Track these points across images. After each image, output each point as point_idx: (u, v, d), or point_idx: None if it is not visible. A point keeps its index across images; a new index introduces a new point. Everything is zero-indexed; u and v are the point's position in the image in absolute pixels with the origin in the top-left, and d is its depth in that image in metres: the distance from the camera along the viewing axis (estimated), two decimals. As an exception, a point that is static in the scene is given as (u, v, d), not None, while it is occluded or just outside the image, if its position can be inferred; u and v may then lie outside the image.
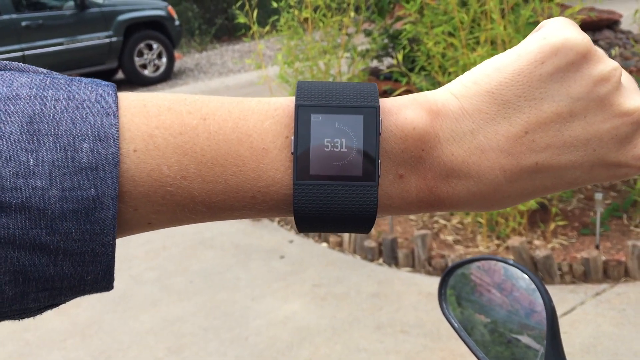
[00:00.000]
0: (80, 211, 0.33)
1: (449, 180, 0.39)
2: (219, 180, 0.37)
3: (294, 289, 3.07)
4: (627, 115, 0.39)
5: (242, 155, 0.37)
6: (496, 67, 0.39)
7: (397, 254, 3.22)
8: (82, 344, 2.75)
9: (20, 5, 7.78)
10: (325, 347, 2.59)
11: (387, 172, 0.39)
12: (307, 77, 4.11)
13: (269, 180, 0.37)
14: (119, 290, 3.19)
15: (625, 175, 0.41)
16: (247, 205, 0.38)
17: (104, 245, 0.34)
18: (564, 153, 0.38)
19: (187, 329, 2.80)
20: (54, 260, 0.33)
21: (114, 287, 0.37)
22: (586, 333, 2.55)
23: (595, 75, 0.38)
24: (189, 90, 8.32)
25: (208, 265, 3.40)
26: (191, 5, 12.69)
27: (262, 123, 0.38)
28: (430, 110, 0.39)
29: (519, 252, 2.93)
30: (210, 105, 0.38)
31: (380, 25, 4.61)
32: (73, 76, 0.37)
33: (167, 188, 0.36)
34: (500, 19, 2.96)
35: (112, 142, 0.34)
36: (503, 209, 0.41)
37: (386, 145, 0.38)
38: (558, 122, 0.38)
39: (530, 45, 0.39)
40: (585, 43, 0.38)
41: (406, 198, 0.39)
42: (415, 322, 2.70)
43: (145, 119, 0.36)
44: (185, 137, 0.36)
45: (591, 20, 4.24)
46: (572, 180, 0.40)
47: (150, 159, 0.35)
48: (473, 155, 0.38)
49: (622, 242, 3.12)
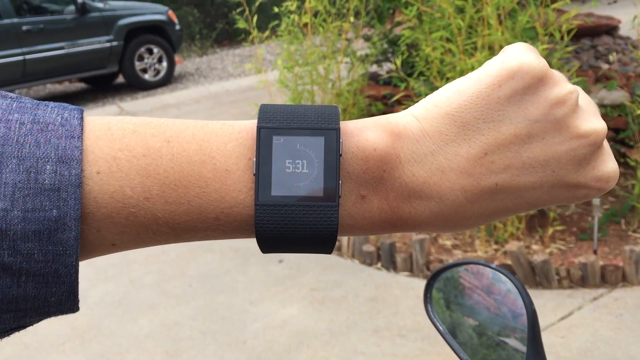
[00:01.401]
0: (42, 232, 0.33)
1: (411, 200, 0.39)
2: (182, 201, 0.37)
3: (292, 292, 3.08)
4: (583, 137, 0.39)
5: (205, 176, 0.37)
6: (456, 90, 0.40)
7: (396, 258, 3.23)
8: (80, 347, 2.76)
9: (21, 10, 7.80)
10: (323, 350, 2.60)
11: (349, 193, 0.39)
12: (307, 81, 4.13)
13: (232, 201, 0.38)
14: (117, 294, 3.20)
15: (586, 197, 0.41)
16: (211, 227, 0.38)
17: (67, 266, 0.34)
18: (523, 174, 0.39)
19: (186, 333, 2.80)
20: (17, 282, 0.34)
21: (79, 309, 0.37)
22: (583, 338, 2.56)
23: (552, 98, 0.39)
24: (189, 94, 8.34)
25: (206, 269, 3.40)
26: (192, 10, 12.72)
27: (225, 145, 0.38)
28: (392, 132, 0.40)
29: (517, 256, 2.94)
30: (174, 128, 0.38)
31: (379, 31, 4.62)
32: (40, 101, 0.37)
33: (130, 209, 0.36)
34: (497, 25, 2.97)
35: (75, 164, 0.34)
36: (466, 229, 0.42)
37: (347, 166, 0.39)
38: (516, 143, 0.39)
39: (489, 69, 0.39)
40: (541, 67, 0.39)
41: (369, 218, 0.40)
42: (412, 326, 2.71)
43: (109, 141, 0.36)
44: (148, 159, 0.36)
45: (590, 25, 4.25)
46: (532, 201, 0.40)
47: (113, 181, 0.36)
48: (434, 176, 0.39)
49: (620, 247, 3.13)
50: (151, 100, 8.17)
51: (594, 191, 0.41)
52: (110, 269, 3.45)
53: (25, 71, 7.66)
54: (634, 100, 3.70)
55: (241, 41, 11.42)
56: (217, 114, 7.17)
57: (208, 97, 8.21)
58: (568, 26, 3.00)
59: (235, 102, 7.63)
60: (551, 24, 2.97)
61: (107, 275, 3.40)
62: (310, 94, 4.10)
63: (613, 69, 4.11)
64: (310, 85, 4.11)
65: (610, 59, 3.89)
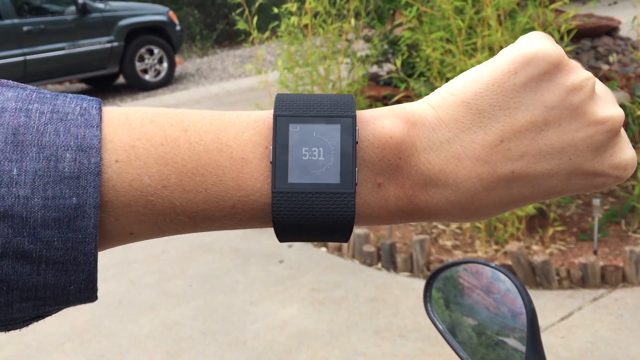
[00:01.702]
0: (62, 219, 0.34)
1: (427, 188, 0.39)
2: (200, 189, 0.37)
3: (293, 293, 3.08)
4: (600, 124, 0.39)
5: (222, 165, 0.37)
6: (472, 78, 0.40)
7: (396, 258, 3.23)
8: (80, 347, 2.76)
9: (22, 10, 7.81)
10: (323, 351, 2.60)
11: (365, 181, 0.39)
12: (307, 82, 4.13)
13: (249, 189, 0.38)
14: (118, 294, 3.20)
15: (603, 185, 0.41)
16: (228, 215, 0.38)
17: (86, 254, 0.35)
18: (540, 161, 0.39)
19: (186, 333, 2.81)
20: (37, 269, 0.34)
21: (97, 298, 0.37)
22: (584, 338, 2.56)
23: (568, 84, 0.39)
24: (190, 94, 8.35)
25: (207, 269, 3.41)
26: (192, 11, 12.73)
27: (242, 134, 0.38)
28: (408, 120, 0.40)
29: (517, 257, 2.94)
30: (191, 117, 0.39)
31: (379, 31, 4.63)
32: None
33: (148, 197, 0.36)
34: (497, 26, 2.98)
35: (94, 152, 0.35)
36: (483, 219, 0.42)
37: (364, 154, 0.39)
38: (533, 130, 0.39)
39: (504, 57, 0.39)
40: (558, 54, 0.39)
41: (385, 207, 0.40)
42: (413, 327, 2.71)
43: (128, 130, 0.37)
44: (166, 148, 0.37)
45: (590, 26, 4.25)
46: (549, 189, 0.40)
47: (131, 169, 0.36)
48: (450, 164, 0.39)
49: (620, 248, 3.13)
50: (152, 100, 8.17)
51: (612, 179, 0.41)
52: (110, 269, 3.45)
53: (26, 72, 7.67)
54: (634, 101, 3.71)
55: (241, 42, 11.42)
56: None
57: (208, 97, 8.22)
58: (567, 26, 3.00)
59: (235, 102, 7.64)
60: (549, 24, 2.97)
61: (107, 274, 3.40)
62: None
63: (613, 70, 4.11)
64: (311, 86, 4.11)
65: (611, 60, 3.90)
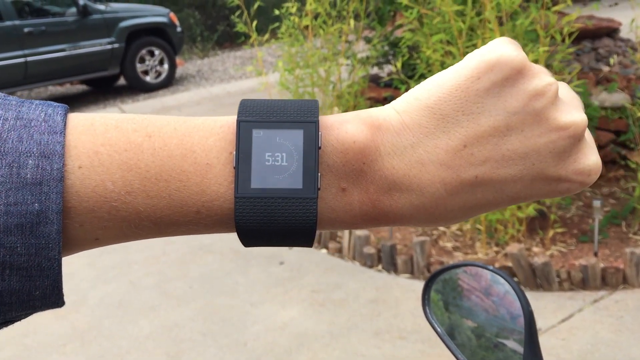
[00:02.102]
0: (24, 225, 0.34)
1: (392, 193, 0.39)
2: (163, 195, 0.37)
3: (293, 294, 3.08)
4: (563, 129, 0.39)
5: (186, 170, 0.38)
6: (436, 82, 0.40)
7: (396, 260, 3.23)
8: (81, 348, 2.76)
9: (23, 12, 7.81)
10: (323, 352, 2.60)
11: (329, 186, 0.39)
12: (308, 83, 4.13)
13: (213, 194, 0.38)
14: (118, 295, 3.20)
15: (568, 191, 0.41)
16: (192, 220, 0.39)
17: (50, 260, 0.35)
18: (503, 166, 0.39)
19: (186, 334, 2.81)
20: (1, 275, 0.34)
21: (64, 303, 0.37)
22: (584, 340, 2.56)
23: (531, 89, 0.39)
24: (191, 96, 8.35)
25: (207, 270, 3.41)
26: (193, 12, 12.74)
27: (206, 139, 0.39)
28: (372, 125, 0.40)
29: (518, 259, 2.94)
30: (156, 123, 0.39)
31: (380, 33, 4.63)
32: (26, 98, 0.38)
33: (112, 203, 0.37)
34: (497, 28, 2.98)
35: (57, 158, 0.35)
36: (448, 224, 0.42)
37: (327, 159, 0.39)
38: (496, 135, 0.39)
39: (468, 62, 0.40)
40: (520, 59, 0.39)
41: (349, 211, 0.40)
42: (413, 328, 2.71)
43: (92, 136, 0.37)
44: (130, 153, 0.37)
45: (590, 28, 4.25)
46: (513, 195, 0.40)
47: (95, 175, 0.36)
48: (414, 169, 0.39)
49: (621, 250, 3.13)
50: (152, 102, 8.17)
51: (576, 185, 0.41)
52: (110, 270, 3.45)
53: (26, 73, 7.67)
54: (634, 103, 3.71)
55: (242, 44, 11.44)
56: (218, 115, 7.18)
57: (209, 99, 8.22)
58: (569, 29, 3.00)
59: (236, 104, 7.61)
60: (552, 26, 2.97)
61: (107, 276, 3.40)
62: (311, 96, 4.11)
63: (614, 72, 4.11)
64: (311, 87, 4.11)
65: (611, 62, 3.90)
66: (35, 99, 0.40)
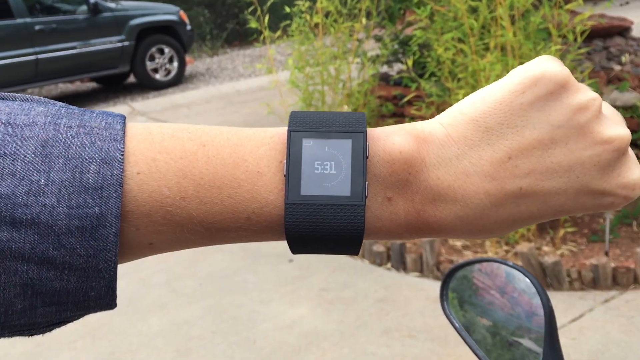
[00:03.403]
0: (85, 228, 0.35)
1: (436, 204, 0.40)
2: (216, 201, 0.39)
3: (302, 293, 3.08)
4: (607, 143, 0.40)
5: (238, 178, 0.39)
6: (481, 97, 0.41)
7: (406, 258, 3.22)
8: (91, 345, 2.77)
9: (34, 10, 7.85)
10: (332, 351, 2.60)
11: (375, 195, 0.40)
12: (318, 81, 4.13)
13: (263, 201, 0.39)
14: (128, 292, 3.21)
15: (612, 205, 0.41)
16: (243, 226, 0.40)
17: (107, 262, 0.37)
18: (547, 179, 0.40)
19: (195, 332, 2.81)
20: (60, 275, 0.36)
21: (117, 305, 0.39)
22: (594, 340, 2.54)
23: (574, 104, 0.40)
24: (200, 94, 8.36)
25: (217, 268, 3.41)
26: (203, 10, 12.76)
27: (257, 149, 0.40)
28: (417, 137, 0.41)
29: (528, 258, 2.93)
30: (210, 133, 0.40)
31: (390, 31, 4.62)
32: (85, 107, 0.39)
33: (167, 208, 0.38)
34: (510, 26, 2.96)
35: (117, 164, 0.37)
36: (491, 236, 0.42)
37: (374, 168, 0.40)
38: (540, 148, 0.39)
39: (513, 77, 0.41)
40: (564, 74, 0.40)
41: (395, 220, 0.41)
42: (422, 327, 2.70)
43: (150, 144, 0.39)
44: (185, 161, 0.39)
45: (602, 27, 4.23)
46: (557, 207, 0.41)
47: (152, 181, 0.38)
48: (458, 180, 0.40)
49: (632, 249, 3.11)
50: (162, 100, 8.20)
51: (620, 199, 0.41)
52: (120, 268, 3.41)
53: (37, 71, 7.71)
54: (646, 102, 3.68)
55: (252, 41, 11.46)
56: (227, 114, 7.19)
57: (219, 97, 8.23)
58: (582, 28, 2.99)
59: (246, 102, 7.65)
60: (565, 25, 2.96)
61: (118, 273, 3.40)
62: (321, 94, 4.11)
63: (625, 71, 4.08)
64: (321, 86, 4.11)
65: (623, 60, 3.87)
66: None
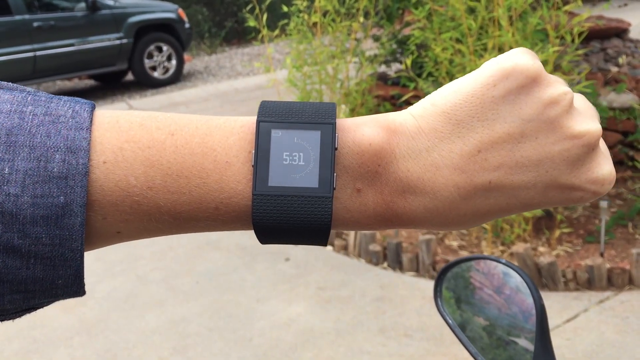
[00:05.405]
0: (50, 217, 0.35)
1: (405, 195, 0.40)
2: (184, 191, 0.39)
3: (299, 291, 3.09)
4: (577, 138, 0.40)
5: (206, 168, 0.39)
6: (453, 89, 0.41)
7: (402, 258, 3.23)
8: (88, 342, 2.78)
9: (33, 6, 7.84)
10: (328, 349, 2.61)
11: (344, 186, 0.40)
12: (315, 81, 4.13)
13: (231, 191, 0.39)
14: (125, 289, 3.22)
15: (581, 199, 0.41)
16: (211, 216, 0.40)
17: (73, 251, 0.36)
18: (517, 173, 0.40)
19: (192, 329, 2.82)
20: (26, 264, 0.36)
21: (85, 293, 0.39)
22: (589, 340, 2.56)
23: (545, 98, 0.39)
24: (198, 92, 8.36)
25: (214, 266, 3.42)
26: (201, 9, 12.74)
27: (227, 139, 0.40)
28: (388, 128, 0.41)
29: (524, 258, 2.94)
30: (179, 122, 0.40)
31: (388, 31, 4.62)
32: (53, 94, 0.39)
33: (134, 198, 0.38)
34: (508, 26, 2.97)
35: (83, 153, 0.36)
36: (460, 228, 0.42)
37: (343, 160, 0.40)
38: (510, 142, 0.39)
39: (485, 70, 0.40)
40: (536, 68, 0.40)
41: (364, 212, 0.41)
42: (418, 326, 2.71)
43: (117, 133, 0.38)
44: (152, 150, 0.38)
45: (600, 28, 4.24)
46: (526, 201, 0.41)
47: (118, 170, 0.38)
48: (428, 172, 0.40)
49: (627, 250, 3.12)
50: (160, 98, 8.19)
51: (589, 194, 0.41)
52: (118, 265, 3.47)
53: (35, 67, 7.70)
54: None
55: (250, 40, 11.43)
56: (225, 112, 7.19)
57: (217, 95, 8.23)
58: (579, 29, 3.00)
59: (243, 100, 7.65)
60: (563, 26, 2.97)
61: (114, 270, 3.42)
62: (319, 93, 4.11)
63: (622, 72, 4.10)
64: (319, 85, 4.11)
65: (620, 62, 3.89)
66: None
